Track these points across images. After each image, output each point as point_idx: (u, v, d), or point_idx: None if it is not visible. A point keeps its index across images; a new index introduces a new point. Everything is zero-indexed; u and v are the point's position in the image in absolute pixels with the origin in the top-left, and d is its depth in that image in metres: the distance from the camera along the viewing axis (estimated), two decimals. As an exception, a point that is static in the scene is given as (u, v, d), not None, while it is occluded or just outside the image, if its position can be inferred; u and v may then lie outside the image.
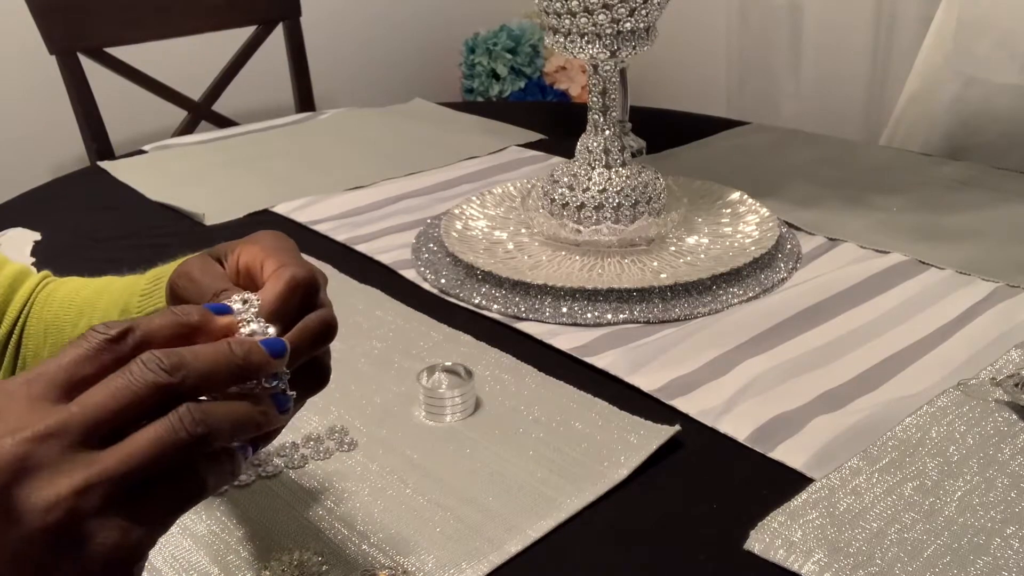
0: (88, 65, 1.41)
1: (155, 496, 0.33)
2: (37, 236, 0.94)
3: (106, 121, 1.44)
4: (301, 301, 0.41)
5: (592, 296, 0.75)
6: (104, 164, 1.18)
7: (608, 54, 0.78)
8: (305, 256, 0.86)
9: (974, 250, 0.82)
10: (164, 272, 0.50)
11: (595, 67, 0.80)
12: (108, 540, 0.31)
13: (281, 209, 1.00)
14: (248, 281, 0.44)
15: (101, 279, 0.57)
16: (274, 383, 0.37)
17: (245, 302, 0.39)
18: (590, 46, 0.77)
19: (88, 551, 0.31)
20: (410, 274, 0.84)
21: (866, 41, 1.69)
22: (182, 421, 0.32)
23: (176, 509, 0.34)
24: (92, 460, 0.31)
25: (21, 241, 0.93)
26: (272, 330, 0.38)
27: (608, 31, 0.76)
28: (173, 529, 0.51)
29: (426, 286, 0.81)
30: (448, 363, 0.65)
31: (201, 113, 1.54)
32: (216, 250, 0.46)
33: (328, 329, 0.41)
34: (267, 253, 0.43)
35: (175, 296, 0.45)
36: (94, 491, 0.31)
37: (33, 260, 0.89)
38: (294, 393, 0.38)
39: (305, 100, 1.62)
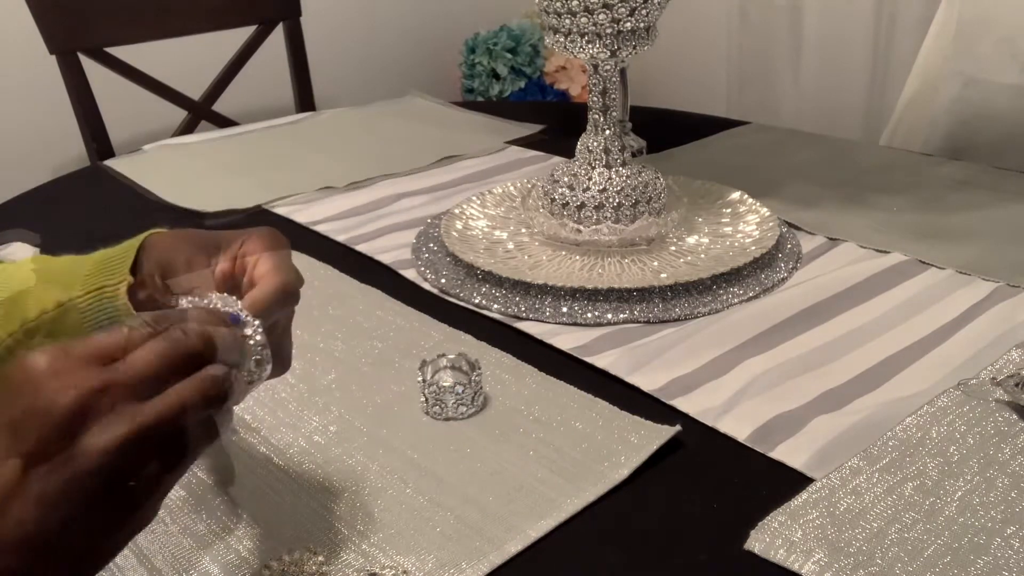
0: (88, 65, 1.41)
1: (178, 447, 0.37)
2: (36, 251, 0.94)
3: (106, 121, 1.43)
4: (280, 307, 0.46)
5: (592, 296, 0.75)
6: (106, 162, 1.18)
7: (608, 54, 0.78)
8: (304, 256, 0.87)
9: (974, 250, 0.81)
10: (118, 253, 0.51)
11: (595, 67, 0.80)
12: (145, 483, 0.36)
13: (281, 209, 1.00)
14: (236, 271, 0.49)
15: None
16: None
17: (224, 302, 0.44)
18: (590, 46, 0.77)
19: (129, 490, 0.36)
20: (410, 274, 0.84)
21: (866, 41, 1.69)
22: (213, 384, 0.38)
23: (192, 457, 0.38)
24: (138, 414, 0.36)
25: (21, 256, 0.93)
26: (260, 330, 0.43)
27: (608, 31, 0.76)
28: (173, 529, 0.52)
29: (426, 286, 0.81)
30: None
31: (201, 113, 1.54)
32: (215, 239, 0.50)
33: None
34: (264, 250, 0.48)
35: (151, 273, 0.49)
36: (138, 441, 0.35)
37: None
38: (270, 353, 0.44)
39: (305, 100, 1.62)
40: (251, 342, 0.43)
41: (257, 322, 0.43)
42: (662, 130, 1.17)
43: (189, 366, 0.38)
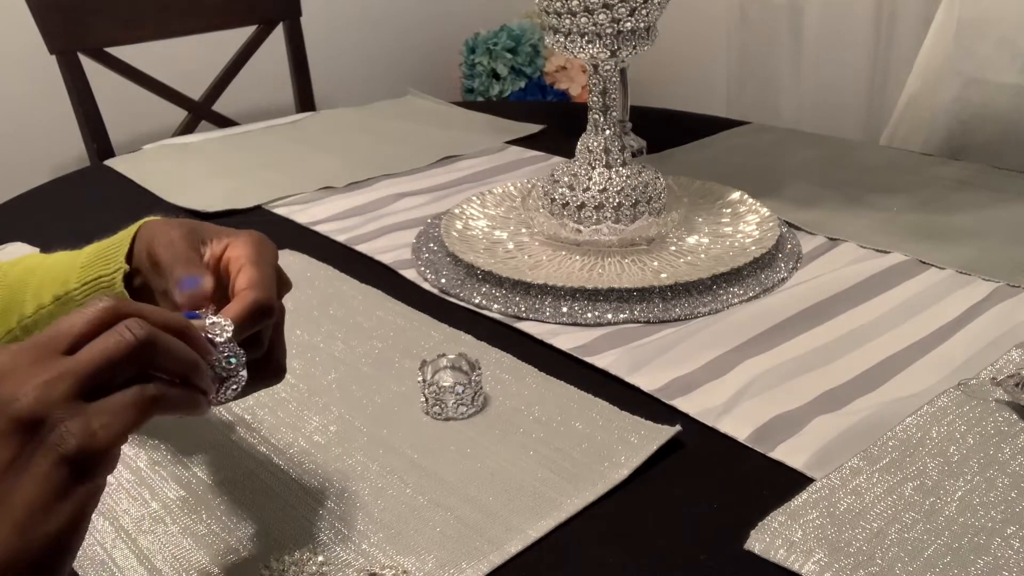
0: (88, 65, 1.41)
1: (115, 396, 0.37)
2: (35, 251, 0.94)
3: (106, 121, 1.44)
4: (255, 323, 0.46)
5: (592, 296, 0.75)
6: (106, 162, 1.18)
7: (608, 54, 0.78)
8: (304, 256, 0.87)
9: (974, 250, 0.82)
10: (114, 243, 0.53)
11: (595, 67, 0.80)
12: (72, 427, 0.35)
13: (281, 209, 1.00)
14: (222, 274, 0.49)
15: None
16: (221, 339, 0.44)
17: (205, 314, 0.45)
18: (590, 46, 0.77)
19: (54, 437, 0.35)
20: (410, 274, 0.84)
21: (866, 41, 1.69)
22: (128, 328, 0.38)
23: (133, 410, 0.38)
24: (60, 362, 0.37)
25: (19, 256, 0.92)
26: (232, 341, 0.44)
27: (608, 31, 0.76)
28: (173, 529, 0.52)
29: (426, 286, 0.81)
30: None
31: (201, 113, 1.54)
32: (201, 230, 0.51)
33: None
34: (248, 261, 0.48)
35: (142, 257, 0.51)
36: (60, 382, 0.36)
37: None
38: (243, 351, 0.44)
39: (305, 100, 1.62)
40: (225, 343, 0.44)
41: (229, 324, 0.44)
42: (662, 130, 1.17)
43: (108, 324, 0.38)
